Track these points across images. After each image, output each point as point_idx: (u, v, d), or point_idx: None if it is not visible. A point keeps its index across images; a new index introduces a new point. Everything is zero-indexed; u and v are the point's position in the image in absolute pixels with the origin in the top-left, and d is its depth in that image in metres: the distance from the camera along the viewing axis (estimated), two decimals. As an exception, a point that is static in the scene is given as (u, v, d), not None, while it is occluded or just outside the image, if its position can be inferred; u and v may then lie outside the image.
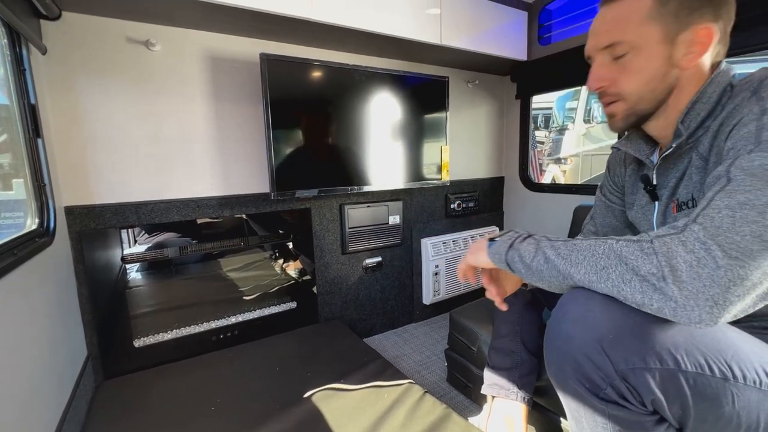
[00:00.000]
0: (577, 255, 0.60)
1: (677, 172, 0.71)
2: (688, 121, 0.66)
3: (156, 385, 1.24)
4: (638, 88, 0.68)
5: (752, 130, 0.54)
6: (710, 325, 0.49)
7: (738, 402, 0.53)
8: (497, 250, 0.72)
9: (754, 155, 0.51)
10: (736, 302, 0.48)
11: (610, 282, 0.56)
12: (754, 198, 0.48)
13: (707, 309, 0.48)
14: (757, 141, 0.52)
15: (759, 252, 0.47)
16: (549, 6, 1.82)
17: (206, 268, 1.61)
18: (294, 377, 1.26)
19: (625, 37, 0.66)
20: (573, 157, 5.22)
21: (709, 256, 0.48)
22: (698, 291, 0.48)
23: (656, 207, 0.76)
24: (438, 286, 1.98)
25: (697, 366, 0.53)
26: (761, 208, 0.48)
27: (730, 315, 0.49)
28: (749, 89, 0.59)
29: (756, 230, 0.47)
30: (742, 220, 0.48)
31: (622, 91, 0.70)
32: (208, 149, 1.43)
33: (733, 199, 0.50)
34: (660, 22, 0.63)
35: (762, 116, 0.53)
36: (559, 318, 0.62)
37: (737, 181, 0.51)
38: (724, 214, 0.49)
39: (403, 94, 1.68)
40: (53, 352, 1.02)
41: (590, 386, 0.57)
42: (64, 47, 1.17)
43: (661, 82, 0.67)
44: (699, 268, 0.48)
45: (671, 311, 0.51)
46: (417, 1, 1.50)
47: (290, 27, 1.35)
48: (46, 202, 1.09)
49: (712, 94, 0.63)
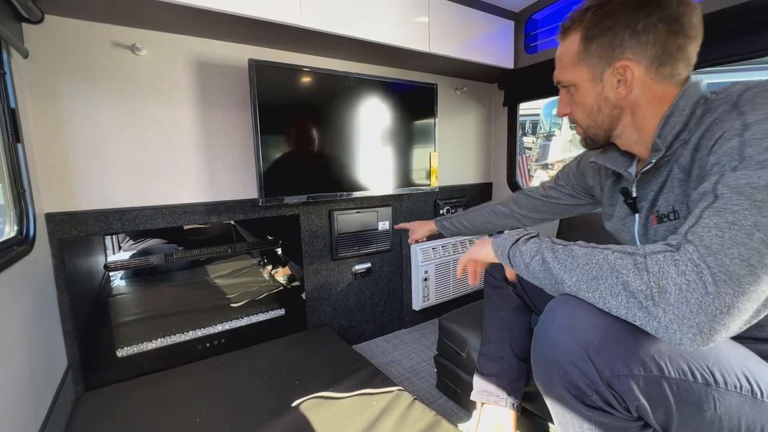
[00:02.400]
0: (572, 261, 0.60)
1: (656, 184, 0.73)
2: (664, 134, 0.67)
3: (139, 396, 1.21)
4: (584, 119, 0.78)
5: (735, 145, 0.54)
6: (689, 349, 0.50)
7: (720, 407, 0.54)
8: (502, 243, 0.74)
9: (740, 173, 0.52)
10: (721, 331, 0.48)
11: (598, 293, 0.56)
12: (742, 218, 0.49)
13: (690, 336, 0.48)
14: (741, 157, 0.53)
15: (745, 277, 0.47)
16: (535, 15, 1.86)
17: (193, 275, 1.58)
18: (282, 386, 1.24)
19: (564, 78, 0.76)
20: (560, 163, 5.31)
21: (699, 281, 0.48)
22: (684, 316, 0.48)
23: (636, 219, 0.78)
24: (427, 292, 1.99)
25: (680, 372, 0.54)
26: (749, 230, 0.48)
27: (714, 343, 0.49)
28: (728, 102, 0.60)
29: (744, 253, 0.47)
30: (731, 241, 0.48)
31: (576, 120, 0.80)
32: (196, 155, 1.41)
33: (722, 218, 0.50)
34: (586, 63, 0.72)
35: (744, 132, 0.54)
36: (547, 325, 0.63)
37: (724, 199, 0.51)
38: (713, 233, 0.49)
39: (392, 101, 1.69)
40: (31, 362, 0.98)
41: (576, 393, 0.58)
42: (46, 51, 1.15)
43: (599, 114, 0.74)
44: (688, 293, 0.48)
45: (653, 329, 0.51)
46: (406, 10, 1.51)
47: (279, 33, 1.35)
48: (26, 208, 1.06)
49: (684, 107, 0.65)
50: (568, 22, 0.75)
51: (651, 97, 0.68)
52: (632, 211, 0.79)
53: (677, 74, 0.67)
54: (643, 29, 0.65)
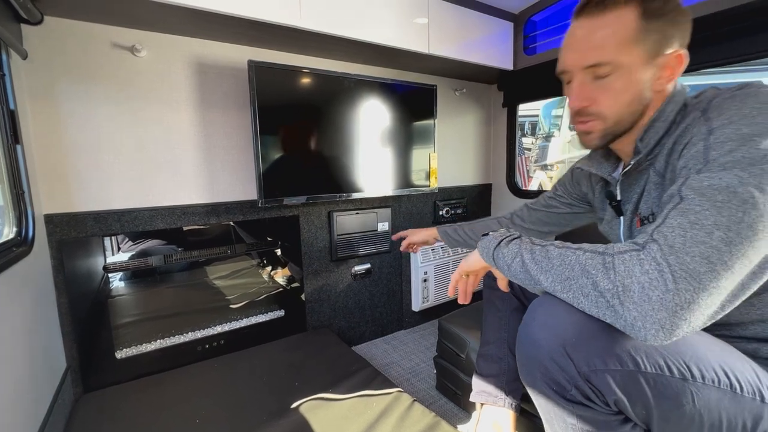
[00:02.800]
0: (547, 262, 0.62)
1: (638, 187, 0.74)
2: (647, 139, 0.68)
3: (138, 398, 1.21)
4: (619, 110, 0.68)
5: (700, 149, 0.56)
6: (655, 344, 0.51)
7: (698, 401, 0.55)
8: (487, 245, 0.74)
9: (703, 176, 0.53)
10: (683, 326, 0.49)
11: (571, 293, 0.58)
12: (703, 218, 0.50)
13: (653, 332, 0.50)
14: (705, 160, 0.55)
15: (705, 274, 0.48)
16: (534, 17, 1.86)
17: (192, 276, 1.58)
18: (281, 387, 1.24)
19: (611, 58, 0.65)
20: (559, 164, 5.32)
21: (661, 279, 0.49)
22: (646, 314, 0.50)
23: (621, 222, 0.80)
24: (427, 293, 1.99)
25: (656, 367, 0.55)
26: (709, 229, 0.50)
27: (678, 337, 0.50)
28: (699, 109, 0.62)
29: (704, 251, 0.49)
30: (692, 240, 0.50)
31: (602, 111, 0.69)
32: (195, 156, 1.41)
33: (685, 218, 0.52)
34: (643, 44, 0.64)
35: (709, 136, 0.56)
36: (528, 323, 0.65)
37: (688, 200, 0.53)
38: (677, 233, 0.51)
39: (392, 102, 1.69)
40: (30, 364, 0.98)
41: (557, 388, 0.60)
42: (46, 52, 1.15)
43: (639, 104, 0.68)
44: (650, 291, 0.50)
45: (621, 327, 0.53)
46: (405, 11, 1.52)
47: (279, 34, 1.35)
48: (25, 210, 1.06)
49: (670, 113, 0.66)
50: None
51: (664, 95, 0.68)
52: (617, 213, 0.81)
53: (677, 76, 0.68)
54: (687, 22, 0.65)
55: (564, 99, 5.26)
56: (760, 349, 0.63)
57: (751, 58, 1.26)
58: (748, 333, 0.64)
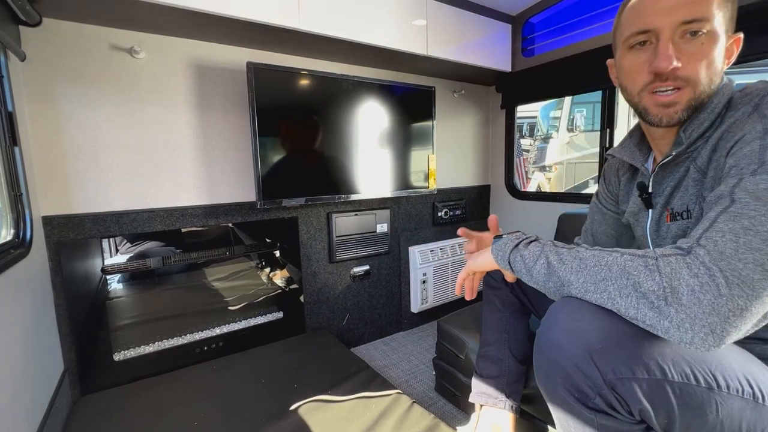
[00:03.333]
0: (579, 263, 0.60)
1: (673, 181, 0.71)
2: (691, 130, 0.65)
3: (136, 400, 1.21)
4: (709, 76, 0.62)
5: (755, 149, 0.53)
6: (701, 349, 0.50)
7: (722, 410, 0.54)
8: (501, 247, 0.72)
9: (759, 177, 0.51)
10: (733, 333, 0.48)
11: (606, 294, 0.56)
12: (758, 224, 0.48)
13: (702, 335, 0.48)
14: (761, 161, 0.52)
15: (759, 282, 0.47)
16: (532, 19, 1.87)
17: (190, 278, 1.57)
18: (280, 389, 1.24)
19: (708, 15, 0.59)
20: (557, 165, 5.33)
21: (712, 283, 0.48)
22: (696, 316, 0.48)
23: (650, 215, 0.77)
24: (426, 294, 1.99)
25: (683, 376, 0.54)
26: (765, 235, 0.47)
27: (725, 344, 0.49)
28: (750, 104, 0.58)
29: (759, 258, 0.47)
30: (746, 246, 0.48)
31: (693, 76, 0.62)
32: (193, 158, 1.41)
33: (737, 224, 0.49)
34: (725, 12, 0.61)
35: (765, 135, 0.53)
36: (549, 327, 0.62)
37: (741, 204, 0.50)
38: (727, 238, 0.49)
39: (390, 104, 1.69)
40: (27, 367, 0.98)
41: (579, 396, 0.57)
42: (44, 54, 1.15)
43: (718, 77, 0.63)
44: (701, 294, 0.48)
45: (664, 330, 0.51)
46: (403, 13, 1.52)
47: (278, 36, 1.36)
48: (23, 212, 1.06)
49: (717, 105, 0.63)
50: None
51: None
52: (646, 206, 0.77)
53: None
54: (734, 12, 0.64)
55: (562, 101, 5.28)
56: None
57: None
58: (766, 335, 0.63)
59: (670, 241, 0.71)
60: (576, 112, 5.22)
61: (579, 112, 5.20)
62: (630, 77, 0.68)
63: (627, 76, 0.69)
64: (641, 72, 0.65)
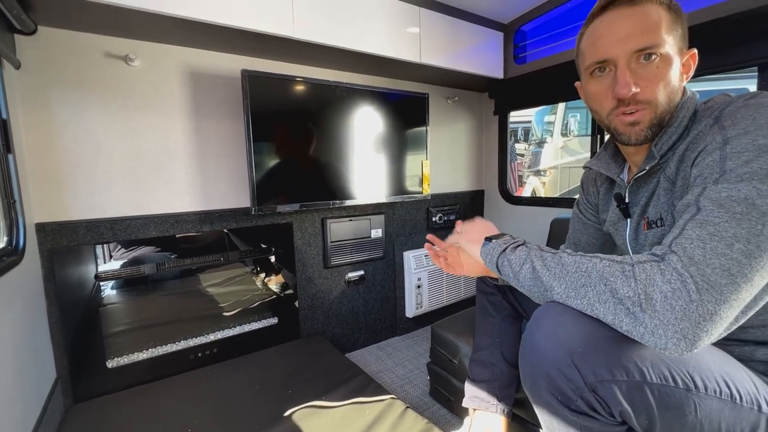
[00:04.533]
0: (561, 269, 0.62)
1: (647, 191, 0.74)
2: (661, 144, 0.68)
3: (129, 408, 1.20)
4: (666, 97, 0.66)
5: (716, 159, 0.56)
6: (675, 354, 0.51)
7: (700, 411, 0.56)
8: (490, 251, 0.74)
9: (721, 186, 0.54)
10: (704, 337, 0.50)
11: (586, 300, 0.58)
12: (722, 230, 0.51)
13: (675, 341, 0.50)
14: (722, 170, 0.55)
15: (726, 286, 0.49)
16: (523, 27, 1.90)
17: (184, 284, 1.57)
18: (274, 395, 1.24)
19: (659, 42, 0.64)
20: (552, 169, 5.37)
21: (684, 289, 0.50)
22: (669, 323, 0.50)
23: (628, 224, 0.80)
24: (421, 299, 1.99)
25: (661, 378, 0.55)
26: (729, 241, 0.50)
27: (698, 349, 0.51)
28: (711, 116, 0.62)
29: (725, 264, 0.49)
30: (713, 252, 0.50)
31: (653, 99, 0.66)
32: (188, 164, 1.42)
33: (704, 230, 0.52)
34: (674, 35, 0.65)
35: (724, 145, 0.56)
36: (533, 332, 0.64)
37: (706, 211, 0.53)
38: (696, 245, 0.52)
39: (384, 110, 1.71)
40: (19, 375, 0.97)
41: (562, 398, 0.59)
42: (39, 62, 1.16)
43: (676, 96, 0.67)
44: (673, 300, 0.50)
45: (639, 336, 0.53)
46: (397, 21, 1.54)
47: (272, 44, 1.37)
48: (16, 219, 1.06)
49: (683, 119, 0.67)
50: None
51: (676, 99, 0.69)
52: (624, 215, 0.80)
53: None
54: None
55: (556, 106, 5.33)
56: (756, 351, 0.64)
57: (733, 68, 1.29)
58: (748, 337, 0.65)
59: (648, 248, 0.74)
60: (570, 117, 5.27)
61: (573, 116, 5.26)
62: (597, 102, 0.73)
63: (594, 100, 0.74)
64: (606, 97, 0.70)
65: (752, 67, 1.26)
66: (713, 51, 1.30)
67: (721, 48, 1.28)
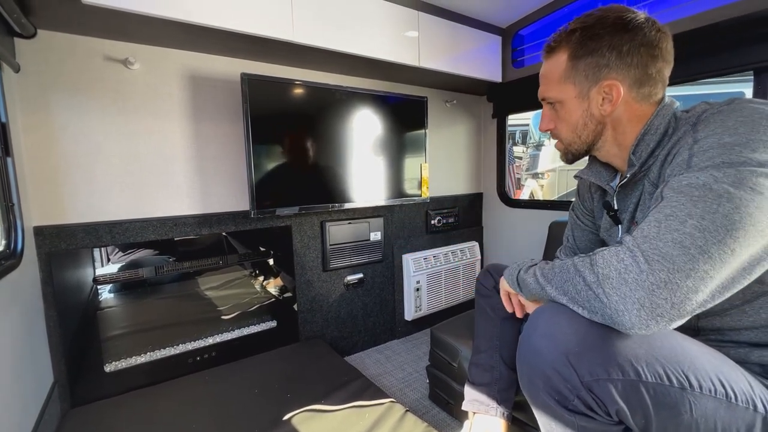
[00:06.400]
0: (551, 272, 0.68)
1: (634, 197, 0.77)
2: (639, 151, 0.73)
3: (127, 412, 1.19)
4: (568, 135, 0.81)
5: (685, 157, 0.60)
6: (644, 331, 0.54)
7: (696, 410, 0.56)
8: (511, 274, 0.84)
9: (682, 176, 0.58)
10: (664, 306, 0.52)
11: (569, 295, 0.62)
12: (677, 210, 0.55)
13: (635, 312, 0.53)
14: (687, 166, 0.59)
15: (679, 256, 0.52)
16: (521, 31, 1.91)
17: (183, 287, 1.56)
18: (273, 399, 1.23)
19: (550, 94, 0.79)
20: (550, 172, 5.39)
21: (634, 263, 0.54)
22: (625, 295, 0.54)
23: (619, 230, 0.82)
24: (420, 302, 1.99)
25: (656, 376, 0.56)
26: (683, 218, 0.54)
27: (664, 320, 0.52)
28: (690, 123, 0.66)
29: (677, 237, 0.53)
30: (666, 228, 0.54)
31: (559, 134, 0.82)
32: (187, 167, 1.42)
33: (661, 213, 0.56)
34: (573, 81, 0.75)
35: (693, 145, 0.60)
36: (530, 332, 0.65)
37: (667, 199, 0.58)
38: (652, 225, 0.56)
39: (384, 114, 1.71)
40: (16, 379, 0.97)
41: (559, 398, 0.60)
42: (38, 65, 1.16)
43: (584, 129, 0.78)
44: (626, 274, 0.54)
45: (609, 318, 0.56)
46: (396, 25, 1.55)
47: (272, 48, 1.37)
48: (14, 222, 1.05)
49: (659, 126, 0.71)
50: (554, 42, 0.78)
51: (631, 115, 0.74)
52: (614, 222, 0.83)
53: (654, 94, 0.72)
54: (627, 51, 0.70)
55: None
56: (751, 353, 0.65)
57: (728, 73, 1.31)
58: (742, 338, 0.66)
59: None
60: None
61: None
62: None
63: None
64: None
65: (748, 71, 1.28)
66: (709, 55, 1.31)
67: (717, 53, 1.29)
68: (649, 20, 0.71)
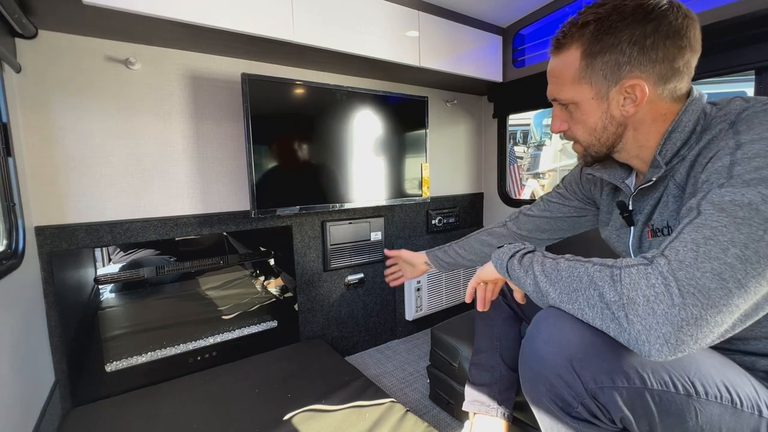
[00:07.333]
0: (556, 274, 0.61)
1: (653, 199, 0.72)
2: (665, 151, 0.66)
3: (128, 412, 1.20)
4: (585, 137, 0.73)
5: (726, 164, 0.54)
6: (660, 359, 0.50)
7: (701, 417, 0.55)
8: (500, 257, 0.74)
9: (725, 190, 0.51)
10: (690, 342, 0.48)
11: (577, 304, 0.57)
12: (719, 234, 0.48)
13: (657, 347, 0.49)
14: (729, 175, 0.52)
15: (715, 291, 0.47)
16: (522, 31, 1.91)
17: (184, 287, 1.57)
18: (274, 399, 1.24)
19: (563, 95, 0.71)
20: (551, 172, 5.39)
21: (666, 293, 0.48)
22: (650, 327, 0.49)
23: (631, 232, 0.78)
24: (420, 302, 1.99)
25: (662, 383, 0.55)
26: (725, 245, 0.48)
27: (683, 354, 0.49)
28: (727, 121, 0.60)
29: (717, 268, 0.47)
30: (705, 255, 0.48)
31: (576, 136, 0.75)
32: (188, 167, 1.42)
33: (699, 234, 0.50)
34: (589, 81, 0.67)
35: (736, 150, 0.54)
36: (533, 337, 0.63)
37: (706, 215, 0.51)
38: (689, 248, 0.49)
39: (384, 114, 1.71)
40: (18, 378, 0.97)
41: (562, 405, 0.59)
42: (39, 65, 1.16)
43: (604, 132, 0.70)
44: (655, 304, 0.49)
45: (625, 341, 0.52)
46: (396, 25, 1.55)
47: (272, 48, 1.38)
48: (15, 222, 1.06)
49: (687, 123, 0.64)
50: (563, 37, 0.70)
51: (656, 114, 0.67)
52: (628, 223, 0.78)
53: (680, 89, 0.65)
54: (651, 45, 0.61)
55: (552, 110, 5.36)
56: (757, 361, 0.64)
57: (729, 72, 1.30)
58: (750, 348, 0.64)
59: None
60: (568, 120, 5.29)
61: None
62: None
63: None
64: None
65: (749, 71, 1.27)
66: (710, 54, 1.30)
67: (718, 52, 1.29)
68: (673, 4, 0.62)
